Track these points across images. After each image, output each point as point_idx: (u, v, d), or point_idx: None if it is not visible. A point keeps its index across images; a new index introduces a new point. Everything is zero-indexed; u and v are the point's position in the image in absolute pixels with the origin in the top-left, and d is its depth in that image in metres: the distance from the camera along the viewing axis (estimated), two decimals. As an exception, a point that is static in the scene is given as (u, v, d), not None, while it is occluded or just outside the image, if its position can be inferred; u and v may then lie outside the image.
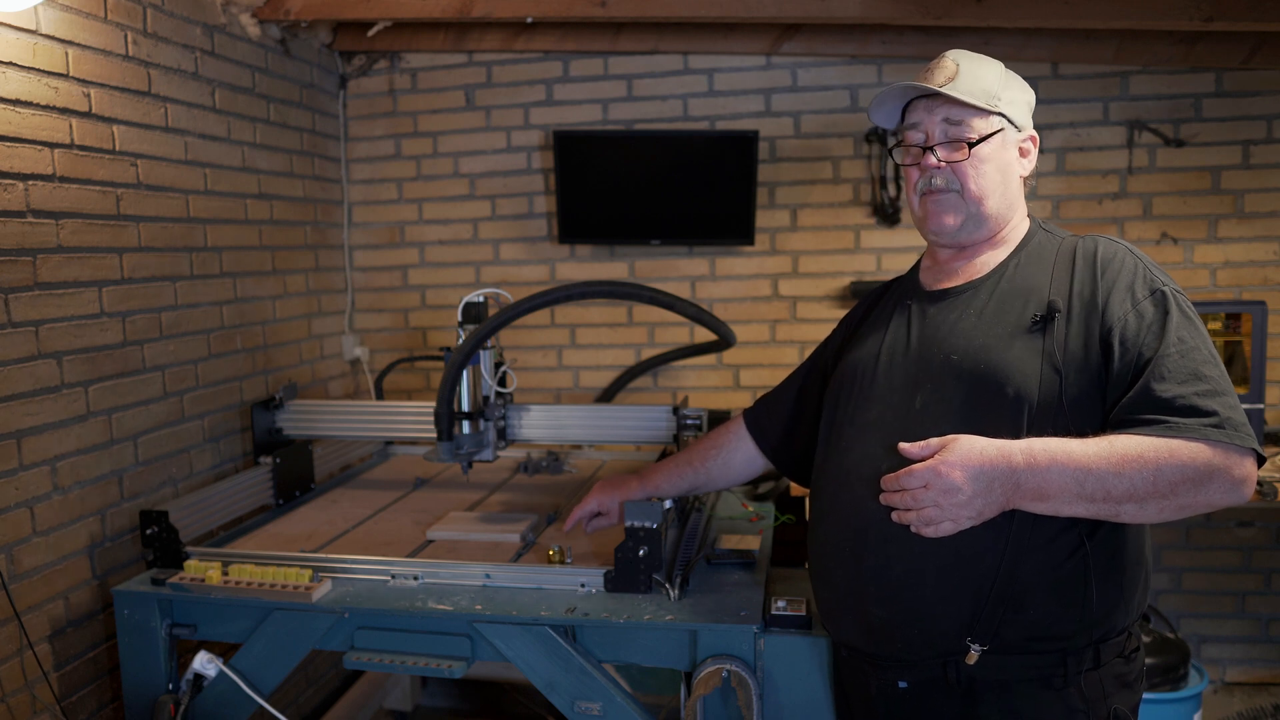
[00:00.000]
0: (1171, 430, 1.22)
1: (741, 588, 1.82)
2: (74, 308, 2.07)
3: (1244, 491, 1.23)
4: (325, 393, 3.20)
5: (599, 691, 1.69)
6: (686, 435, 2.31)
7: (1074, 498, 1.24)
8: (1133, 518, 1.25)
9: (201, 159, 2.52)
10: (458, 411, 2.26)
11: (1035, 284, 1.39)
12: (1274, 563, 3.10)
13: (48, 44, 2.00)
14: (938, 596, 1.33)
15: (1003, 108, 1.44)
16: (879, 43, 3.01)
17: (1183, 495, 1.22)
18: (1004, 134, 1.45)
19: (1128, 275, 1.34)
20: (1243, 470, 1.22)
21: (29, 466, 1.94)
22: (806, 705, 1.63)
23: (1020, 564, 1.30)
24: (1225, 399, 1.24)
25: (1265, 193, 2.97)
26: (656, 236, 3.19)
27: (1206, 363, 1.26)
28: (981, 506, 1.26)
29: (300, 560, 1.94)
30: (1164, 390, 1.24)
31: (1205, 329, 1.32)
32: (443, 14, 2.78)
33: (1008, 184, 1.46)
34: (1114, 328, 1.30)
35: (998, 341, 1.36)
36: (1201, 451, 1.21)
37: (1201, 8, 2.49)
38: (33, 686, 1.94)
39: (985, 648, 1.31)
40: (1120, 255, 1.37)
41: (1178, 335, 1.28)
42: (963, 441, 1.28)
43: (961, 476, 1.25)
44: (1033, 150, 1.50)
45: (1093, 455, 1.23)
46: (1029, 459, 1.25)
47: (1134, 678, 1.38)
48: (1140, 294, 1.32)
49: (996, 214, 1.46)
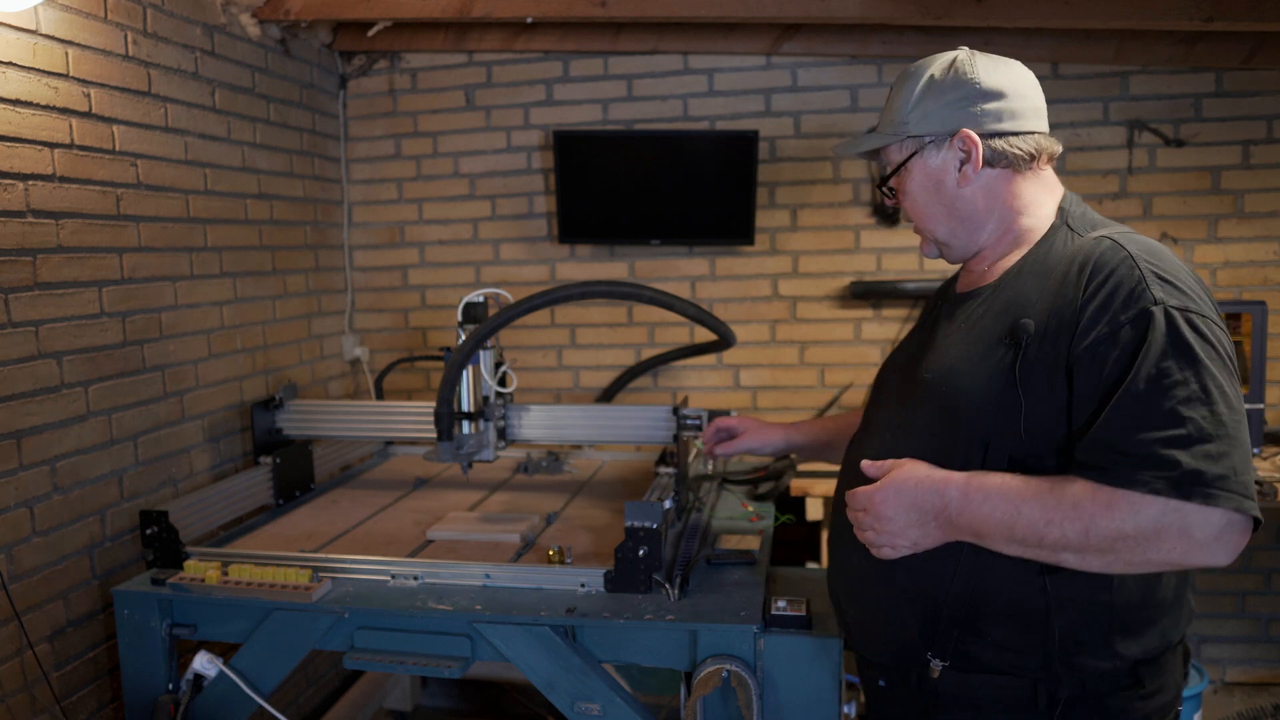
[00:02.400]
0: (1117, 479, 1.09)
1: (741, 588, 1.82)
2: (74, 308, 2.07)
3: (1218, 554, 1.07)
4: (325, 393, 3.20)
5: (599, 691, 1.69)
6: (686, 435, 2.31)
7: (1007, 540, 1.17)
8: (1080, 567, 1.15)
9: (201, 159, 2.52)
10: (458, 411, 2.26)
11: (1026, 296, 1.25)
12: (1274, 563, 3.10)
13: (48, 44, 2.00)
14: (890, 604, 1.33)
15: (914, 127, 1.33)
16: (879, 43, 3.01)
17: (1126, 553, 1.10)
18: (920, 156, 1.35)
19: (1111, 290, 1.16)
20: (1208, 530, 1.06)
21: (29, 466, 1.94)
22: (806, 705, 1.63)
23: (975, 588, 1.25)
24: (1203, 447, 1.07)
25: (1265, 193, 2.97)
26: (656, 236, 3.19)
27: (1192, 401, 1.08)
28: (917, 537, 1.24)
29: (300, 560, 1.94)
30: (1120, 433, 1.10)
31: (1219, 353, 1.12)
32: (443, 14, 2.78)
33: (946, 203, 1.35)
34: (1082, 353, 1.15)
35: (965, 362, 1.28)
36: (1146, 508, 1.08)
37: (1201, 8, 2.49)
38: (33, 687, 1.94)
39: (946, 664, 1.28)
40: (1113, 265, 1.18)
41: (1156, 366, 1.10)
42: (904, 469, 1.26)
43: (894, 507, 1.24)
44: (975, 149, 1.30)
45: (1029, 497, 1.15)
46: (964, 495, 1.19)
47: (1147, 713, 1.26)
48: (1121, 314, 1.14)
49: (953, 235, 1.37)
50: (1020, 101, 1.32)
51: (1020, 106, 1.32)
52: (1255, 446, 2.74)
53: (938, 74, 1.33)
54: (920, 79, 1.34)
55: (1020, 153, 1.31)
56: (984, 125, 1.31)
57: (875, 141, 1.39)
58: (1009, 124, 1.31)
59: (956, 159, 1.33)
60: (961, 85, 1.31)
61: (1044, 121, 1.35)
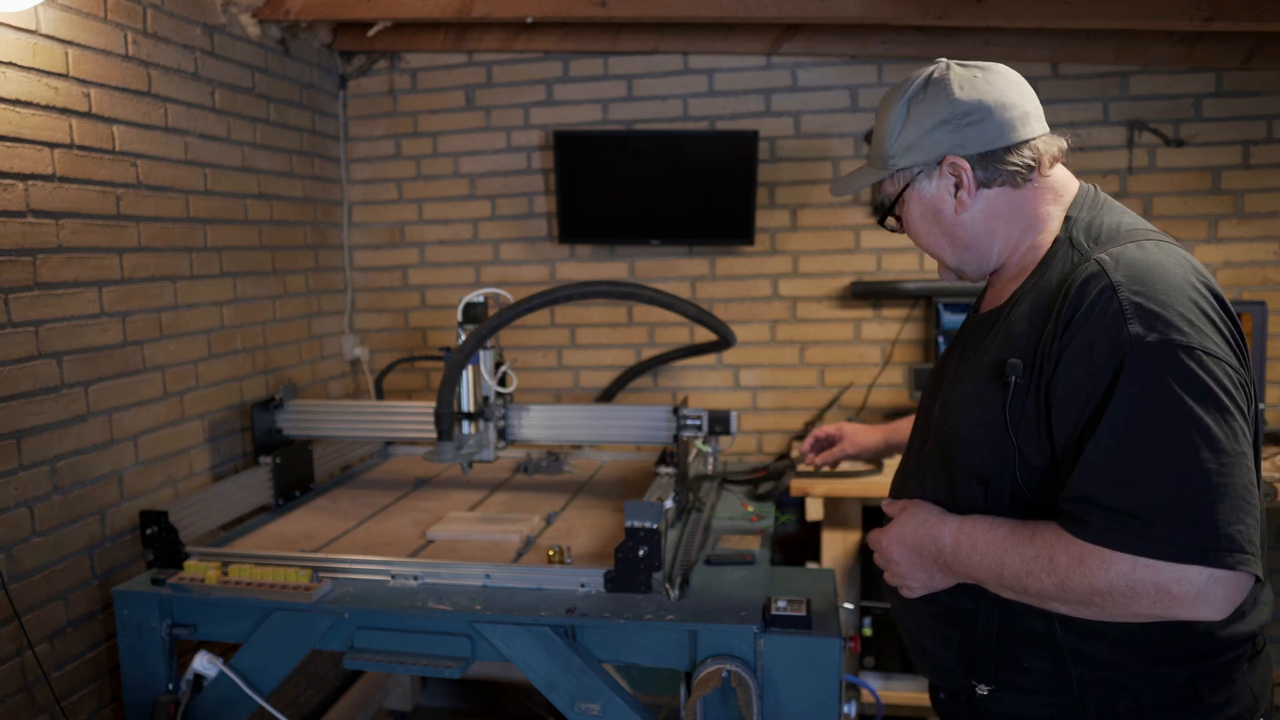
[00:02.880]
0: (1089, 534, 1.05)
1: (741, 588, 1.82)
2: (74, 308, 2.07)
3: (1204, 610, 1.01)
4: (325, 393, 3.20)
5: (599, 691, 1.69)
6: (686, 435, 2.31)
7: (999, 587, 1.16)
8: (1074, 614, 1.12)
9: (201, 159, 2.52)
10: (458, 411, 2.26)
11: (1020, 330, 1.18)
12: (1274, 562, 3.10)
13: (48, 44, 2.00)
14: (930, 631, 1.35)
15: (901, 160, 1.28)
16: (879, 43, 3.01)
17: (1110, 606, 1.05)
18: (913, 187, 1.29)
19: (1092, 327, 1.08)
20: (1186, 588, 1.00)
21: (29, 466, 1.94)
22: (806, 705, 1.63)
23: (1004, 617, 1.23)
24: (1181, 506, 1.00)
25: (1265, 193, 2.96)
26: (656, 236, 3.19)
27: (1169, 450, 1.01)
28: (925, 579, 1.27)
29: (300, 560, 1.94)
30: (1092, 484, 1.05)
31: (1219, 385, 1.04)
32: (443, 14, 2.78)
33: (947, 231, 1.29)
34: (1060, 396, 1.10)
35: (964, 399, 1.24)
36: (1116, 564, 1.03)
37: (1201, 8, 2.49)
38: (32, 687, 1.94)
39: (991, 687, 1.26)
40: (1091, 295, 1.09)
41: (1129, 409, 1.03)
42: (909, 514, 1.28)
43: (898, 551, 1.28)
44: (965, 174, 1.24)
45: (1010, 548, 1.13)
46: (955, 544, 1.20)
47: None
48: (1097, 355, 1.07)
49: (964, 263, 1.32)
50: (1006, 112, 1.23)
51: (1007, 117, 1.23)
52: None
53: (915, 97, 1.26)
54: (897, 105, 1.28)
55: (1016, 167, 1.23)
56: (969, 148, 1.23)
57: (867, 178, 1.35)
58: (996, 140, 1.23)
59: (950, 186, 1.27)
60: (940, 107, 1.24)
61: (1039, 123, 1.27)
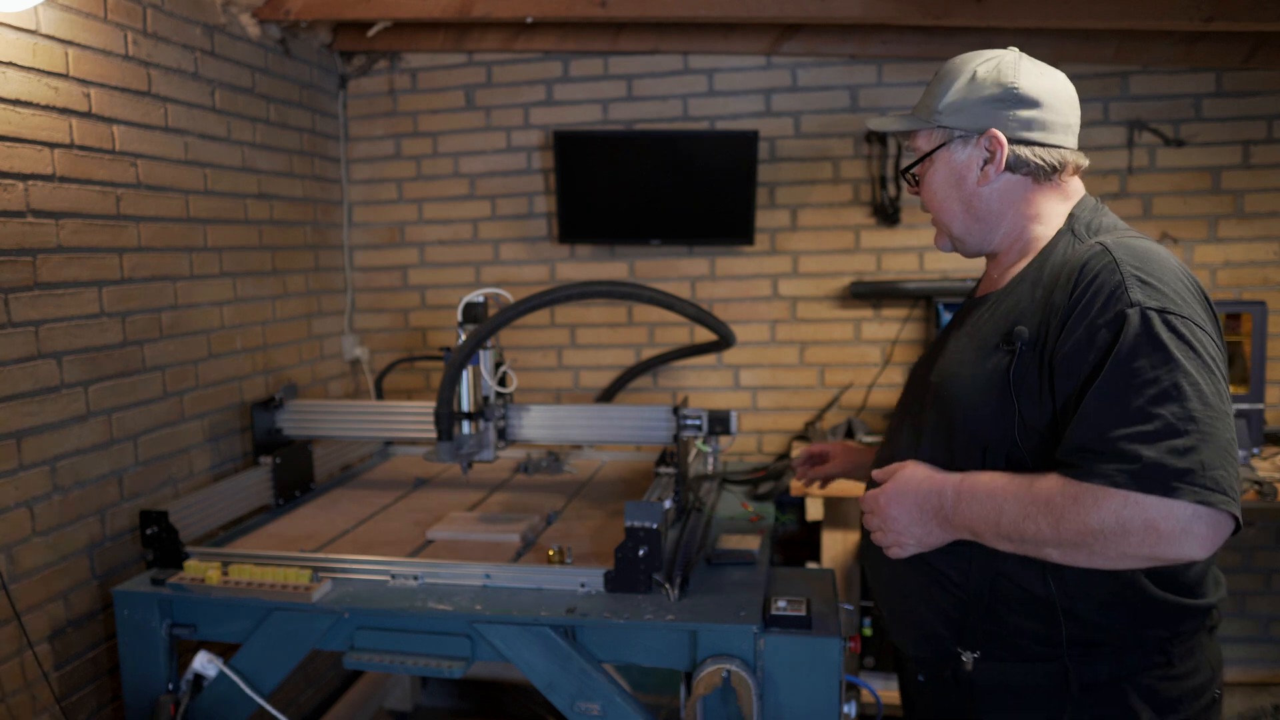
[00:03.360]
0: (1081, 474, 1.13)
1: (741, 588, 1.82)
2: (74, 308, 2.07)
3: (1188, 548, 1.08)
4: (325, 393, 3.20)
5: (599, 691, 1.69)
6: (686, 435, 2.31)
7: (996, 536, 1.21)
8: (1066, 562, 1.18)
9: (201, 159, 2.52)
10: (458, 411, 2.26)
11: (1024, 303, 1.28)
12: (1274, 563, 3.10)
13: (48, 44, 2.00)
14: (918, 598, 1.38)
15: (945, 119, 1.35)
16: (879, 43, 3.01)
17: (1100, 547, 1.12)
18: (947, 148, 1.36)
19: (1092, 295, 1.19)
20: (1174, 524, 1.07)
21: (29, 466, 1.94)
22: (806, 705, 1.63)
23: (993, 579, 1.29)
24: (1170, 442, 1.08)
25: (1265, 193, 2.97)
26: (656, 236, 3.19)
27: (1162, 397, 1.10)
28: (920, 535, 1.30)
29: (300, 560, 1.94)
30: (1089, 430, 1.14)
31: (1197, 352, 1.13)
32: (443, 14, 2.78)
33: (965, 199, 1.37)
34: (1062, 358, 1.19)
35: (966, 367, 1.31)
36: (1109, 502, 1.10)
37: (1201, 8, 2.49)
38: (33, 687, 1.94)
39: (977, 654, 1.32)
40: (1096, 270, 1.20)
41: (1130, 365, 1.12)
42: (906, 472, 1.32)
43: (897, 508, 1.31)
44: (1002, 148, 1.32)
45: (1009, 494, 1.19)
46: (957, 495, 1.25)
47: (1179, 694, 1.27)
48: (1099, 317, 1.17)
49: (968, 233, 1.39)
50: (1053, 115, 1.33)
51: (1052, 119, 1.33)
52: (1255, 447, 2.74)
53: (980, 71, 1.34)
54: (962, 73, 1.35)
55: (1043, 163, 1.33)
56: (1012, 130, 1.32)
57: (907, 124, 1.40)
58: (1038, 134, 1.32)
59: (981, 157, 1.34)
60: (1000, 86, 1.32)
61: (1073, 138, 1.36)
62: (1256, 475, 2.47)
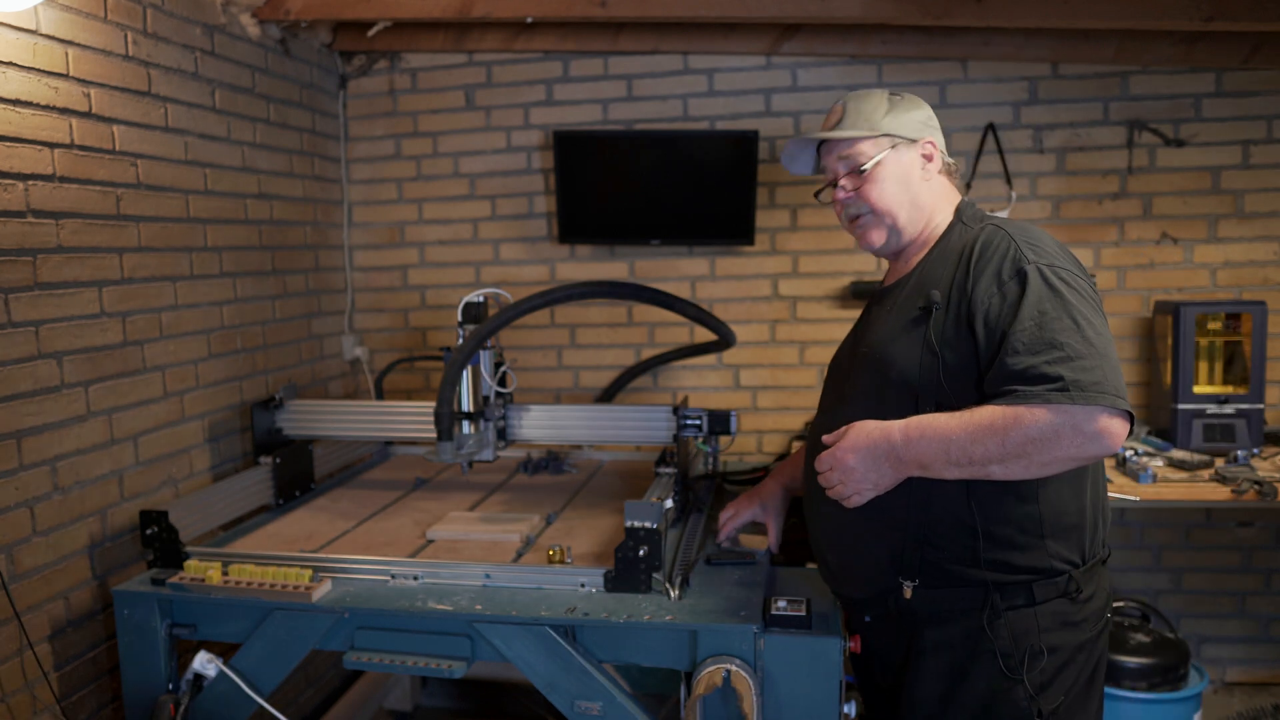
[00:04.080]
0: (1018, 398, 1.37)
1: (741, 588, 1.82)
2: (74, 308, 2.07)
3: (1105, 443, 1.34)
4: (325, 393, 3.20)
5: (599, 691, 1.69)
6: (686, 435, 2.31)
7: (946, 464, 1.43)
8: (1005, 475, 1.40)
9: (201, 159, 2.52)
10: (458, 411, 2.26)
11: (935, 278, 1.55)
12: (1274, 563, 3.10)
13: (48, 44, 2.00)
14: (864, 544, 1.59)
15: (888, 128, 1.63)
16: (879, 43, 3.01)
17: (1037, 453, 1.36)
18: (896, 150, 1.64)
19: (996, 260, 1.47)
20: (1094, 425, 1.33)
21: (29, 466, 1.94)
22: (806, 705, 1.63)
23: (927, 509, 1.51)
24: (1078, 363, 1.35)
25: (1265, 193, 2.97)
26: (656, 236, 3.19)
27: (1065, 330, 1.38)
28: (876, 479, 1.50)
29: (300, 560, 1.94)
30: (1016, 363, 1.39)
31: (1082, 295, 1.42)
32: (443, 14, 2.78)
33: (913, 193, 1.64)
34: (978, 311, 1.46)
35: (892, 333, 1.57)
36: (1042, 415, 1.35)
37: (1201, 8, 2.49)
38: (33, 686, 1.94)
39: (915, 583, 1.53)
40: (994, 242, 1.50)
41: (1037, 309, 1.40)
42: (855, 428, 1.53)
43: (854, 459, 1.50)
44: (936, 153, 1.65)
45: (955, 427, 1.41)
46: (905, 435, 1.46)
47: (1081, 618, 1.52)
48: (1005, 275, 1.45)
49: (910, 222, 1.65)
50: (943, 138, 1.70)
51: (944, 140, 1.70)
52: (1255, 447, 2.74)
53: (893, 98, 1.67)
54: (881, 97, 1.67)
55: (951, 165, 1.70)
56: (936, 139, 1.67)
57: (856, 134, 1.65)
58: (942, 144, 1.69)
59: (919, 160, 1.65)
60: (918, 107, 1.68)
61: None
62: (1257, 475, 2.47)
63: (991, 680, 1.50)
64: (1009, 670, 1.49)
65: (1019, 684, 1.49)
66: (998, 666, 1.49)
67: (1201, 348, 2.81)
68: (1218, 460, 2.66)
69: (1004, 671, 1.49)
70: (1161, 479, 2.54)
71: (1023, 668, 1.48)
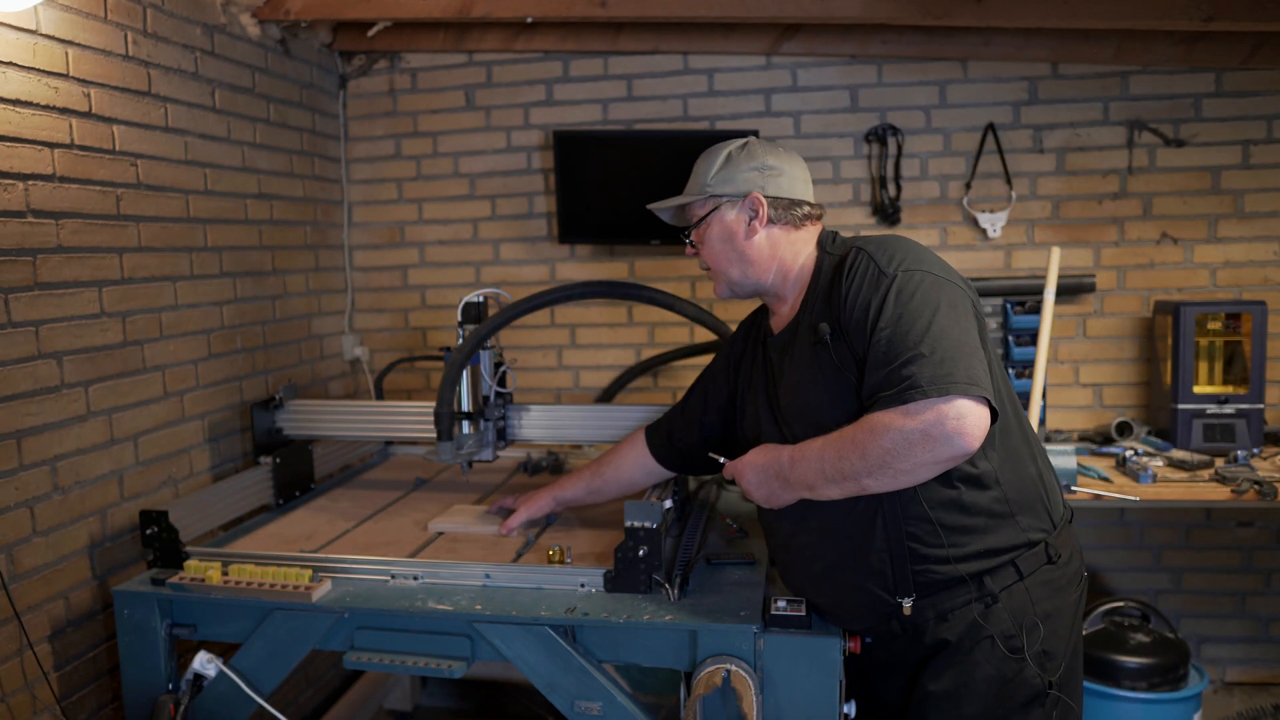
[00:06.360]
0: (876, 405, 1.41)
1: (741, 588, 1.82)
2: (74, 308, 2.07)
3: (960, 443, 1.35)
4: (325, 393, 3.20)
5: (599, 691, 1.69)
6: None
7: (825, 482, 1.48)
8: (879, 488, 1.44)
9: (201, 159, 2.52)
10: (458, 411, 2.26)
11: (820, 313, 1.58)
12: (1274, 563, 3.10)
13: (48, 44, 2.00)
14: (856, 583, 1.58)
15: (714, 188, 1.67)
16: (879, 43, 3.01)
17: (896, 462, 1.39)
18: (719, 211, 1.68)
19: (856, 280, 1.51)
20: (954, 424, 1.35)
21: (29, 466, 1.94)
22: (806, 705, 1.63)
23: (897, 527, 1.52)
24: (928, 359, 1.37)
25: (1265, 193, 2.97)
26: (656, 236, 3.19)
27: (917, 332, 1.40)
28: (766, 493, 1.60)
29: (300, 560, 1.94)
30: (876, 375, 1.43)
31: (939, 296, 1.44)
32: (443, 14, 2.78)
33: (738, 250, 1.67)
34: (854, 332, 1.49)
35: (803, 379, 1.59)
36: (895, 419, 1.38)
37: (1201, 8, 2.49)
38: (33, 686, 1.94)
39: (913, 597, 1.53)
40: (851, 263, 1.54)
41: (890, 317, 1.44)
42: (761, 447, 1.63)
43: (751, 473, 1.62)
44: (763, 205, 1.64)
45: (826, 445, 1.47)
46: (791, 459, 1.54)
47: (1065, 581, 1.57)
48: (864, 294, 1.49)
49: (744, 278, 1.69)
50: (793, 180, 1.68)
51: (793, 182, 1.68)
52: (1255, 447, 2.74)
53: (733, 152, 1.69)
54: (720, 155, 1.70)
55: (796, 215, 1.67)
56: (769, 191, 1.66)
57: (683, 200, 1.73)
58: (789, 192, 1.67)
59: (747, 215, 1.66)
60: (754, 159, 1.67)
61: (811, 194, 1.71)
62: (1257, 475, 2.46)
63: (999, 664, 1.52)
64: (1012, 651, 1.51)
65: (1025, 663, 1.51)
66: (1000, 650, 1.51)
67: (1201, 348, 2.82)
68: (1218, 460, 2.66)
69: (1006, 654, 1.51)
70: (1161, 479, 2.54)
71: (1024, 644, 1.51)
